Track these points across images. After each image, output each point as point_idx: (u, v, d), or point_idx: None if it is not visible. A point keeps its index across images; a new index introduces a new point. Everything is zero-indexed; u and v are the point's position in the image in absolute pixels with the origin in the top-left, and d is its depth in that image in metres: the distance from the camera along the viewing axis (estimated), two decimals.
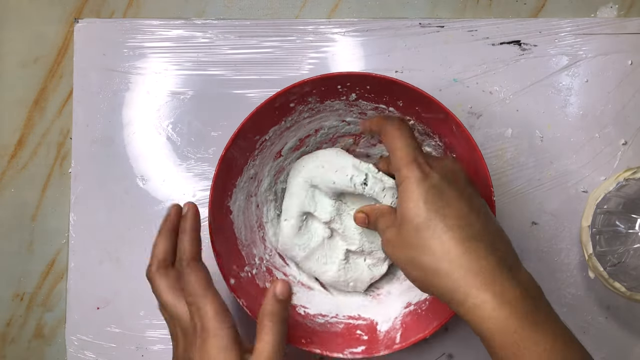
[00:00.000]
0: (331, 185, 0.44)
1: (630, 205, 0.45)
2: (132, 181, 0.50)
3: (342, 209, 0.46)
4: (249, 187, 0.46)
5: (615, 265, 0.44)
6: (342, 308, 0.46)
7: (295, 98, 0.43)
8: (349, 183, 0.43)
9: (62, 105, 0.51)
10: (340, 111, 0.45)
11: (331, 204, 0.45)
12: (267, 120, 0.44)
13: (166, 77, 0.51)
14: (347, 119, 0.46)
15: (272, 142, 0.45)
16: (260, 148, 0.45)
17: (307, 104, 0.44)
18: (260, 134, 0.44)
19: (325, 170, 0.44)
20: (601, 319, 0.48)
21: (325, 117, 0.46)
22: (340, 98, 0.44)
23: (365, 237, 0.46)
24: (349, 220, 0.46)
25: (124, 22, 0.51)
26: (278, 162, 0.47)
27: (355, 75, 0.42)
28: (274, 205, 0.48)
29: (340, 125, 0.47)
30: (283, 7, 0.51)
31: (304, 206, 0.45)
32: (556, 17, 0.50)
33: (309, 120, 0.45)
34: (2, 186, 0.51)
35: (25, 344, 0.51)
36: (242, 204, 0.45)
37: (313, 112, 0.45)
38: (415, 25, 0.50)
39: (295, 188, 0.46)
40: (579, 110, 0.50)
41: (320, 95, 0.43)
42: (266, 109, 0.42)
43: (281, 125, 0.45)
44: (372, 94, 0.43)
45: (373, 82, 0.42)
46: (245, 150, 0.44)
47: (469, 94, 0.50)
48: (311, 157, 0.46)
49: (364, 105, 0.44)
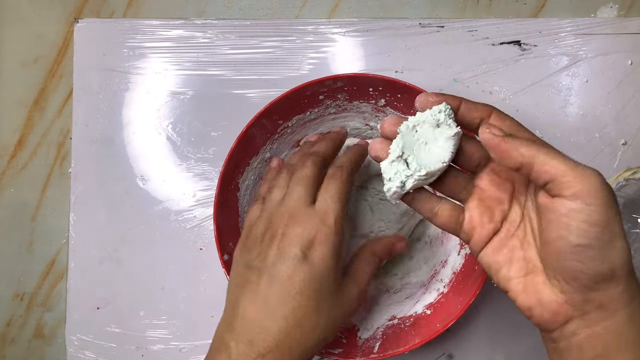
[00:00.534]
0: (361, 167, 0.44)
1: (630, 205, 0.45)
2: (132, 181, 0.50)
3: (359, 193, 0.46)
4: (261, 169, 0.46)
5: None
6: None
7: (325, 91, 0.43)
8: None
9: (62, 105, 0.51)
10: (367, 114, 0.45)
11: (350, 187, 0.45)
12: (294, 107, 0.44)
13: (166, 77, 0.51)
14: (372, 123, 0.46)
15: (293, 130, 0.46)
16: (281, 133, 0.45)
17: (336, 99, 0.44)
18: (284, 119, 0.44)
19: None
20: None
21: (351, 118, 0.46)
22: (369, 101, 0.44)
23: (375, 217, 0.45)
24: (362, 202, 0.46)
25: (124, 22, 0.51)
26: (294, 151, 0.47)
27: (388, 81, 0.42)
28: None
29: (363, 129, 0.47)
30: (283, 7, 0.51)
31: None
32: (556, 17, 0.50)
33: (334, 116, 0.46)
34: (2, 186, 0.51)
35: (25, 344, 0.51)
36: (251, 184, 0.46)
37: (340, 109, 0.45)
38: (415, 25, 0.50)
39: None
40: (579, 110, 0.50)
41: (350, 93, 0.43)
42: (296, 95, 0.42)
43: (306, 115, 0.45)
44: (402, 104, 0.43)
45: (405, 92, 0.42)
46: (267, 131, 0.44)
47: (469, 94, 0.50)
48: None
49: (390, 113, 0.44)
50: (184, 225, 0.50)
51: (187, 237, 0.50)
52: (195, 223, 0.50)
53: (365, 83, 0.42)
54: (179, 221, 0.50)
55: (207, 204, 0.50)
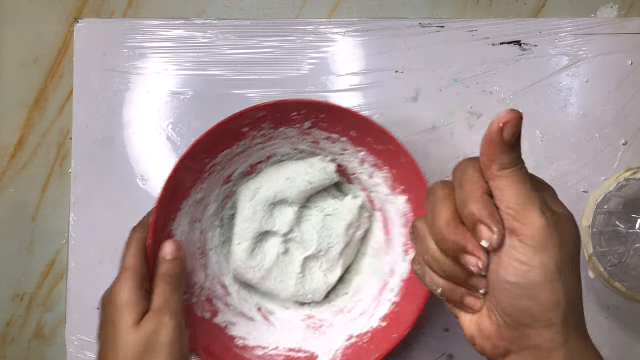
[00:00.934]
0: (307, 188, 0.44)
1: (630, 205, 0.45)
2: (132, 181, 0.50)
3: (303, 214, 0.46)
4: (194, 212, 0.44)
5: (615, 265, 0.44)
6: (282, 340, 0.45)
7: (248, 122, 0.42)
8: (325, 176, 0.44)
9: (62, 105, 0.51)
10: (294, 139, 0.45)
11: (294, 211, 0.45)
12: (219, 143, 0.43)
13: (166, 77, 0.51)
14: (300, 147, 0.46)
15: (222, 167, 0.44)
16: (210, 171, 0.44)
17: (260, 129, 0.43)
18: (211, 157, 0.43)
19: (293, 180, 0.44)
20: (601, 319, 0.48)
21: (279, 144, 0.45)
22: (294, 125, 0.43)
23: (323, 234, 0.46)
24: (306, 224, 0.46)
25: (124, 22, 0.51)
26: (227, 187, 0.46)
27: (310, 103, 0.42)
28: (220, 231, 0.47)
29: (293, 153, 0.46)
30: (283, 7, 0.51)
31: (261, 227, 0.45)
32: (556, 17, 0.50)
33: (262, 146, 0.45)
34: (2, 186, 0.51)
35: (25, 344, 0.51)
36: (186, 229, 0.44)
37: (265, 138, 0.44)
38: (415, 25, 0.50)
39: (249, 211, 0.45)
40: (579, 110, 0.50)
41: (274, 121, 0.43)
42: (218, 131, 0.41)
43: (233, 149, 0.44)
44: (326, 123, 0.43)
45: (327, 111, 0.42)
46: (194, 172, 0.43)
47: (469, 94, 0.50)
48: (270, 175, 0.45)
49: (317, 134, 0.44)
50: None
51: None
52: None
53: (287, 109, 0.42)
54: None
55: None
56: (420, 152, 0.49)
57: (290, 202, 0.45)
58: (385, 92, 0.50)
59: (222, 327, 0.45)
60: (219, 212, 0.46)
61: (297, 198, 0.45)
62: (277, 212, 0.46)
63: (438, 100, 0.50)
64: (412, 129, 0.50)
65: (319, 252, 0.46)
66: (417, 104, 0.50)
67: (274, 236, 0.46)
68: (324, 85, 0.50)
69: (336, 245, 0.46)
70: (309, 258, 0.46)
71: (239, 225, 0.45)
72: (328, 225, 0.46)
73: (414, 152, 0.49)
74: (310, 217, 0.46)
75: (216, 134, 0.41)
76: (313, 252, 0.46)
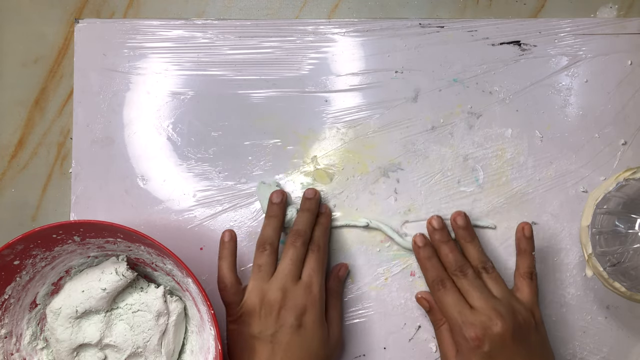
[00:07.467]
0: (104, 294, 0.44)
1: (630, 205, 0.45)
2: (132, 181, 0.50)
3: (112, 317, 0.45)
4: (6, 347, 0.44)
5: (615, 265, 0.44)
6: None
7: (13, 257, 0.41)
8: (117, 277, 0.44)
9: (63, 105, 0.51)
10: (78, 250, 0.44)
11: (100, 319, 0.44)
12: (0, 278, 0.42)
13: (166, 78, 0.51)
14: (91, 254, 0.45)
15: (17, 298, 0.44)
16: (5, 307, 0.43)
17: (33, 257, 0.43)
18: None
19: (88, 291, 0.44)
20: (601, 319, 0.48)
21: (69, 258, 0.45)
22: (67, 242, 0.43)
23: (136, 331, 0.45)
24: (117, 326, 0.45)
25: (124, 23, 0.51)
26: (37, 310, 0.45)
27: (57, 227, 0.41)
28: (47, 352, 0.46)
29: (89, 261, 0.46)
30: (283, 7, 0.51)
31: (72, 342, 0.44)
32: (556, 17, 0.50)
33: (51, 266, 0.44)
34: (2, 186, 0.51)
35: None
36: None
37: (48, 260, 0.44)
38: (415, 25, 0.50)
39: (57, 330, 0.44)
40: (578, 110, 0.50)
41: (41, 247, 0.42)
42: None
43: (18, 281, 0.43)
44: (93, 233, 0.42)
45: (80, 229, 0.41)
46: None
47: (469, 94, 0.50)
48: (69, 290, 0.45)
49: (94, 242, 0.44)
50: (185, 225, 0.50)
51: (187, 237, 0.50)
52: (196, 223, 0.50)
53: (44, 235, 0.41)
54: (180, 221, 0.50)
55: (207, 204, 0.50)
56: (420, 152, 0.49)
57: (96, 311, 0.44)
58: (385, 92, 0.50)
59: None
60: (40, 334, 0.46)
61: (99, 305, 0.44)
62: (85, 323, 0.45)
63: (438, 100, 0.50)
64: (412, 129, 0.50)
65: (137, 350, 0.45)
66: (417, 104, 0.50)
67: (88, 348, 0.45)
68: (324, 85, 0.50)
69: (152, 338, 0.45)
70: (131, 357, 0.45)
71: (53, 345, 0.45)
72: (138, 322, 0.45)
73: (414, 151, 0.50)
74: (121, 317, 0.45)
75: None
76: (132, 352, 0.45)
